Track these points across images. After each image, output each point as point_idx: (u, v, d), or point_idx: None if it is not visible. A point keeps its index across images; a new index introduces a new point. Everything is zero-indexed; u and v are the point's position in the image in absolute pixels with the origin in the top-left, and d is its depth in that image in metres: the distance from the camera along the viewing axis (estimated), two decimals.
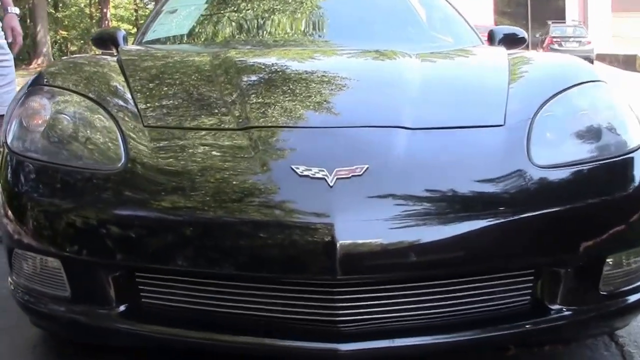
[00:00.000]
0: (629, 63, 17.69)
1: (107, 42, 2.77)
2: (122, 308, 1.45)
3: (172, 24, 2.97)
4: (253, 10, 2.87)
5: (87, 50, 20.95)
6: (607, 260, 1.47)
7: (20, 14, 2.98)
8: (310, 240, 1.29)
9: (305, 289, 1.35)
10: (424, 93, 1.72)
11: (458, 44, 2.67)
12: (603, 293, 1.49)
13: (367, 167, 1.38)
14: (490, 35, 2.85)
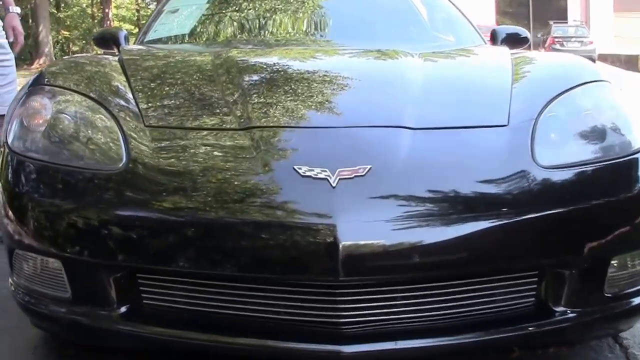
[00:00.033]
0: (631, 63, 17.66)
1: (108, 41, 2.78)
2: (123, 309, 1.44)
3: (173, 24, 2.97)
4: (255, 10, 2.86)
5: (88, 50, 20.96)
6: (612, 262, 1.47)
7: (22, 14, 2.97)
8: (313, 241, 1.28)
9: (308, 291, 1.34)
10: (427, 93, 1.70)
11: (460, 44, 2.66)
12: (608, 295, 1.48)
13: (369, 167, 1.37)
14: (493, 35, 2.84)
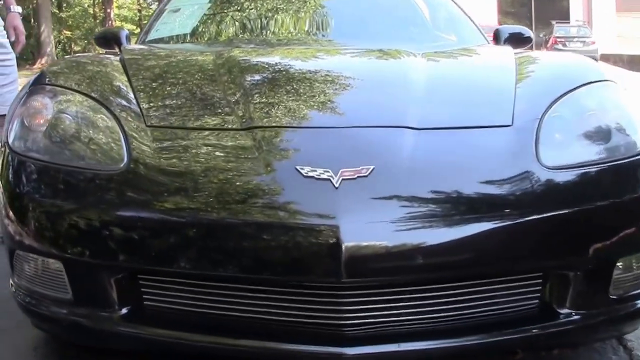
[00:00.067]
0: (634, 63, 17.61)
1: (110, 41, 2.77)
2: (124, 311, 1.43)
3: (175, 23, 2.97)
4: (256, 10, 2.85)
5: (90, 50, 20.98)
6: (617, 264, 1.46)
7: (24, 14, 2.96)
8: (315, 243, 1.27)
9: (310, 292, 1.33)
10: (430, 92, 1.69)
11: (463, 43, 2.65)
12: (613, 297, 1.47)
13: (372, 167, 1.36)
14: (496, 35, 2.83)
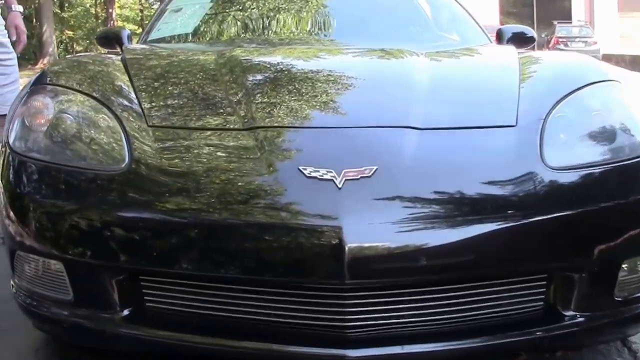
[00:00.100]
0: (636, 63, 17.55)
1: (111, 41, 2.77)
2: (125, 312, 1.42)
3: (176, 23, 2.96)
4: (258, 9, 2.84)
5: (92, 50, 20.98)
6: (622, 266, 1.44)
7: (26, 14, 2.95)
8: (318, 244, 1.26)
9: (313, 294, 1.32)
10: (433, 92, 1.68)
11: (466, 43, 2.64)
12: (618, 299, 1.46)
13: (376, 168, 1.35)
14: (499, 34, 2.82)
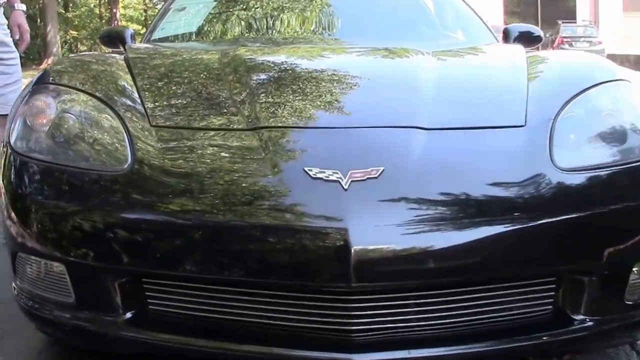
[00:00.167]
0: None
1: (115, 40, 2.76)
2: (128, 315, 1.41)
3: (180, 22, 2.95)
4: (262, 8, 2.83)
5: (96, 50, 21.02)
6: (633, 269, 1.42)
7: (30, 14, 2.93)
8: (324, 246, 1.25)
9: (318, 297, 1.30)
10: (440, 92, 1.66)
11: (471, 42, 2.62)
12: (628, 303, 1.44)
13: (382, 169, 1.33)
14: (505, 33, 2.80)
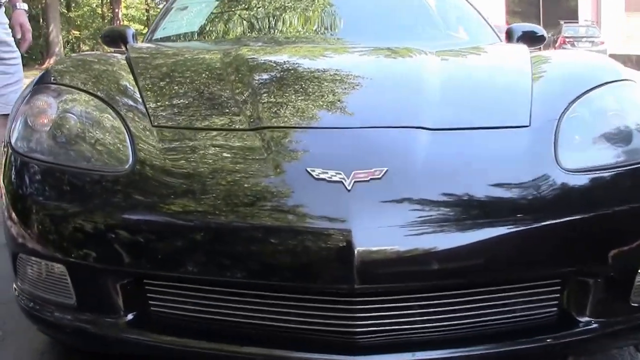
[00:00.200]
0: None
1: (116, 39, 2.75)
2: (130, 317, 1.40)
3: (182, 22, 2.94)
4: (264, 8, 2.82)
5: (98, 50, 21.03)
6: (639, 271, 1.41)
7: (33, 14, 2.91)
8: (326, 247, 1.24)
9: (321, 299, 1.29)
10: (444, 92, 1.65)
11: (475, 41, 2.61)
12: (634, 305, 1.43)
13: (386, 169, 1.32)
14: (509, 33, 2.79)
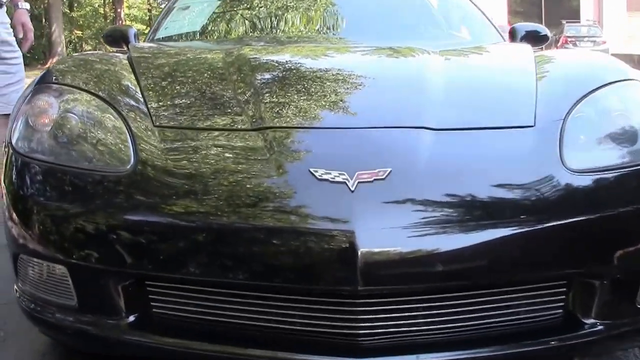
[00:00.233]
0: None
1: (118, 39, 2.75)
2: (131, 318, 1.39)
3: (184, 21, 2.94)
4: (266, 7, 2.81)
5: (101, 50, 21.05)
6: None
7: (35, 13, 2.91)
8: (329, 248, 1.22)
9: (324, 300, 1.28)
10: (448, 92, 1.64)
11: (478, 41, 2.60)
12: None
13: (389, 170, 1.31)
14: (512, 32, 2.78)
